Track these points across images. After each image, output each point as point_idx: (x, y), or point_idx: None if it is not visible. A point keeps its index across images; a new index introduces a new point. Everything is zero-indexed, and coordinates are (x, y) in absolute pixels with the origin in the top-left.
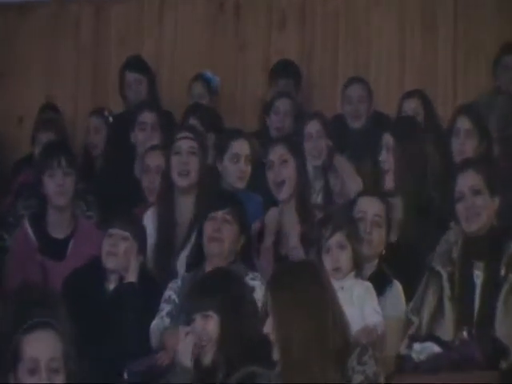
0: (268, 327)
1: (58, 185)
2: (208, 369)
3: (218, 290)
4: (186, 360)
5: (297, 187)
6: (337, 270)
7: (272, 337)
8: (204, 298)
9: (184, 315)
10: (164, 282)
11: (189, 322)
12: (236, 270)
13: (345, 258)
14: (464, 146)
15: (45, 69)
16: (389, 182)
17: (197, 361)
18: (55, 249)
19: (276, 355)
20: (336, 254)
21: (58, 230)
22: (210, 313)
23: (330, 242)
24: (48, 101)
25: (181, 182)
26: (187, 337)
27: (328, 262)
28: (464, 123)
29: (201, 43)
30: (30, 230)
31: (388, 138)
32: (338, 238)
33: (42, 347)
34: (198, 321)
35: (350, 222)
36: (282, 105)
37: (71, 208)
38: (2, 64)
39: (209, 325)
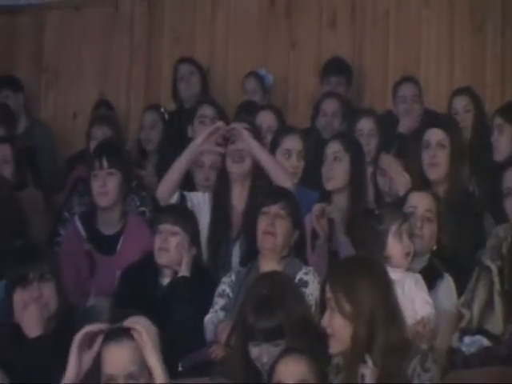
0: (325, 321)
1: (99, 186)
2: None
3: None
4: None
5: (349, 184)
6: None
7: (329, 330)
8: (269, 328)
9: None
10: (218, 273)
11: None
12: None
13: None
14: (497, 142)
15: (99, 66)
16: (436, 177)
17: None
18: (105, 244)
19: (333, 349)
20: (390, 249)
21: (107, 227)
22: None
23: (383, 236)
24: (102, 97)
25: (235, 169)
26: None
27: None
28: (496, 120)
29: (253, 41)
30: (80, 227)
31: (438, 134)
32: (393, 229)
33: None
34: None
35: (402, 217)
36: (330, 106)
37: (120, 206)
38: (57, 62)
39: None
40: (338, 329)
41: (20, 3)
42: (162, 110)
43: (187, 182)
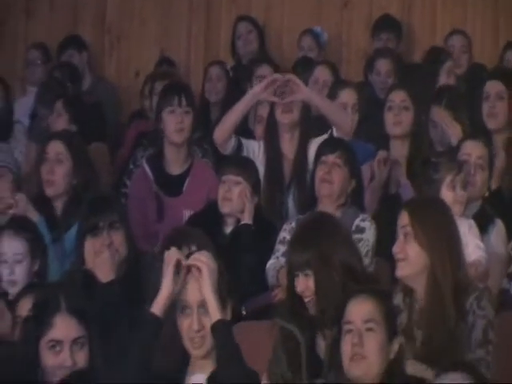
0: (397, 247)
1: (177, 122)
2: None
3: (315, 244)
4: None
5: (413, 129)
6: None
7: (400, 256)
8: (301, 255)
9: None
10: (277, 220)
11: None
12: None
13: (451, 195)
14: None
15: (159, 26)
16: (495, 127)
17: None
18: (172, 185)
19: (403, 271)
20: (445, 193)
21: (174, 166)
22: (310, 272)
23: (440, 182)
24: (163, 55)
25: (285, 119)
26: None
27: None
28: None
29: (308, 3)
30: (147, 169)
31: (497, 86)
32: (449, 178)
33: None
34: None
35: (457, 168)
36: (383, 66)
37: (188, 146)
38: (119, 23)
39: (310, 283)
40: (413, 254)
41: None
42: (227, 65)
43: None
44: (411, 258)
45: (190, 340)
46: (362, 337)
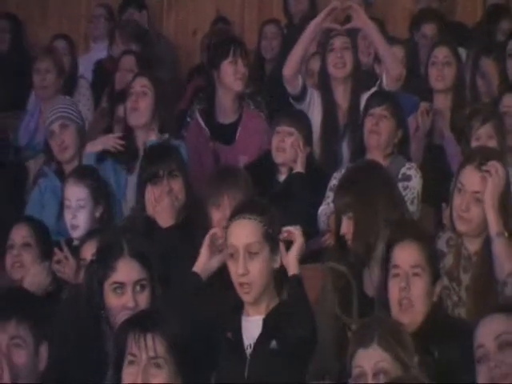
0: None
1: (238, 71)
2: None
3: (357, 187)
4: None
5: (455, 83)
6: None
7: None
8: (345, 199)
9: None
10: (329, 168)
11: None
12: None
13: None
14: None
15: None
16: None
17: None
18: (225, 134)
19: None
20: (484, 143)
21: (225, 116)
22: (352, 215)
23: (479, 132)
24: (219, 14)
25: (336, 73)
26: None
27: None
28: None
29: None
30: (200, 120)
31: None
32: (487, 128)
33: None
34: (345, 221)
35: (497, 115)
36: (429, 30)
37: (240, 98)
38: None
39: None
40: (478, 219)
41: None
42: (282, 25)
43: None
44: (475, 221)
45: (239, 285)
46: (409, 281)
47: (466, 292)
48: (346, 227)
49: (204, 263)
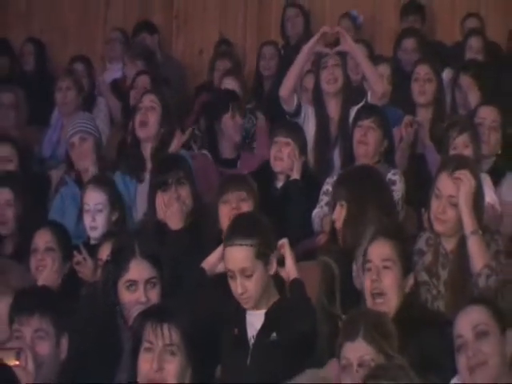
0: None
1: (236, 123)
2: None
3: (353, 180)
4: None
5: (436, 97)
6: None
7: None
8: (341, 189)
9: None
10: (322, 175)
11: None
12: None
13: (468, 154)
14: None
15: (219, 11)
16: None
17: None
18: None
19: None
20: (461, 151)
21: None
22: (344, 203)
23: (456, 142)
24: (222, 36)
25: (328, 88)
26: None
27: None
28: None
29: None
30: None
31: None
32: (463, 138)
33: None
34: (337, 208)
35: (472, 126)
36: (409, 44)
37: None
38: (185, 10)
39: (343, 212)
40: (454, 220)
41: None
42: (279, 45)
43: None
44: (451, 221)
45: (239, 299)
46: (380, 274)
47: (444, 286)
48: (338, 213)
49: (213, 263)
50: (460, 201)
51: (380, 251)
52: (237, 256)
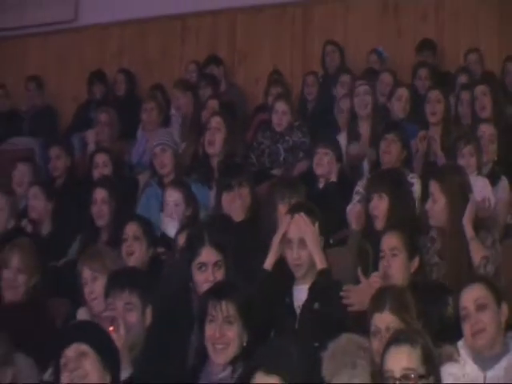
0: (428, 205)
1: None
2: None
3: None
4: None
5: (444, 116)
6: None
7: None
8: (380, 183)
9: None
10: (355, 179)
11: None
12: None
13: (474, 161)
14: None
15: (271, 47)
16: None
17: None
18: None
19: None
20: (467, 159)
21: None
22: (383, 195)
23: (463, 152)
24: (274, 67)
25: (361, 112)
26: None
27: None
28: None
29: (373, 30)
30: None
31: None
32: (469, 149)
33: None
34: (375, 200)
35: (476, 138)
36: (423, 73)
37: None
38: (246, 47)
39: (381, 203)
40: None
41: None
42: (319, 75)
43: None
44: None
45: (293, 267)
46: (390, 260)
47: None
48: (376, 203)
49: (272, 261)
50: (464, 222)
51: (389, 242)
52: (299, 224)
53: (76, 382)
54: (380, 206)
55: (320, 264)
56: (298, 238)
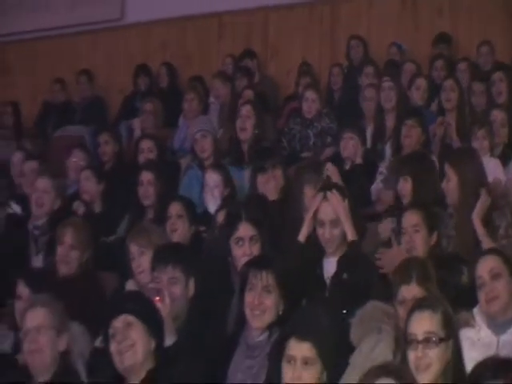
0: (444, 184)
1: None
2: None
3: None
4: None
5: (458, 103)
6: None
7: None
8: (403, 167)
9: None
10: (378, 161)
11: (396, 181)
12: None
13: (486, 144)
14: None
15: (301, 41)
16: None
17: None
18: None
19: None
20: (481, 142)
21: None
22: (408, 177)
23: (477, 135)
24: (303, 60)
25: (387, 105)
26: None
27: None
28: None
29: (393, 26)
30: None
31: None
32: (482, 132)
33: None
34: (401, 182)
35: (488, 123)
36: (439, 64)
37: None
38: (276, 41)
39: (406, 185)
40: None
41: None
42: (344, 66)
43: None
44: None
45: (325, 243)
46: (412, 236)
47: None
48: (402, 185)
49: (305, 235)
50: (474, 216)
51: (410, 219)
52: (329, 206)
53: (124, 351)
54: (405, 187)
55: (351, 236)
56: (330, 220)
